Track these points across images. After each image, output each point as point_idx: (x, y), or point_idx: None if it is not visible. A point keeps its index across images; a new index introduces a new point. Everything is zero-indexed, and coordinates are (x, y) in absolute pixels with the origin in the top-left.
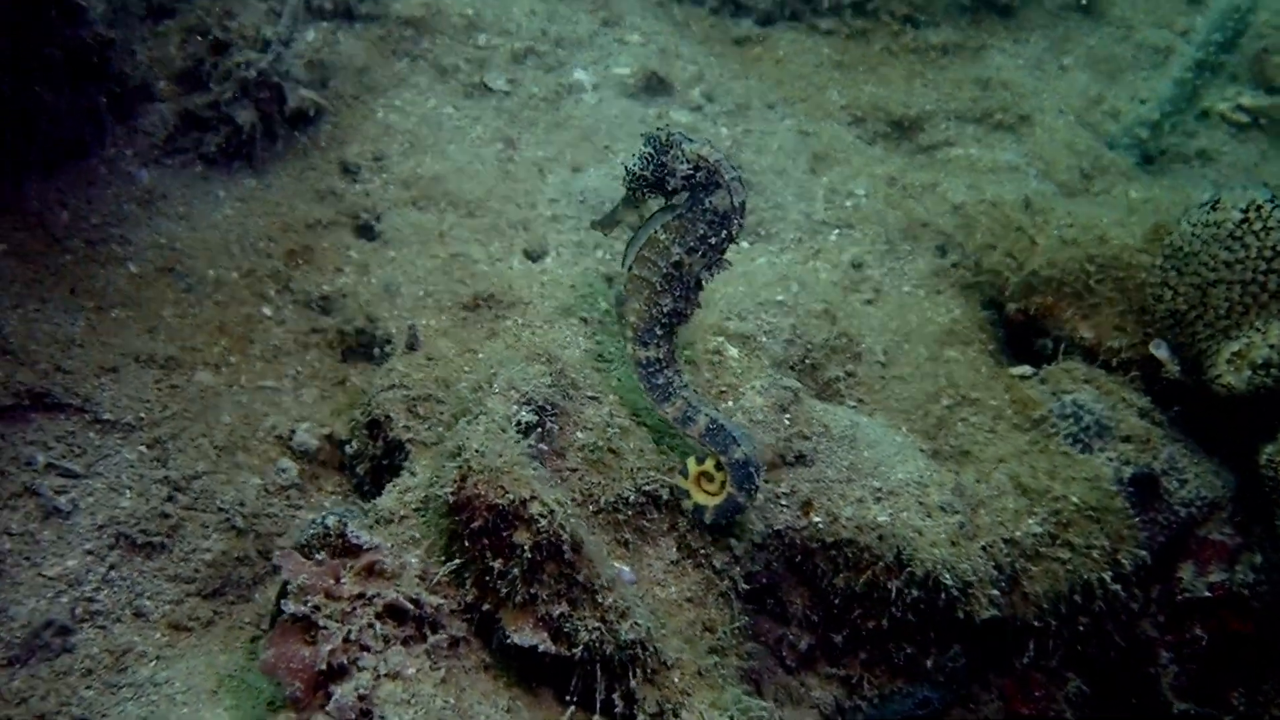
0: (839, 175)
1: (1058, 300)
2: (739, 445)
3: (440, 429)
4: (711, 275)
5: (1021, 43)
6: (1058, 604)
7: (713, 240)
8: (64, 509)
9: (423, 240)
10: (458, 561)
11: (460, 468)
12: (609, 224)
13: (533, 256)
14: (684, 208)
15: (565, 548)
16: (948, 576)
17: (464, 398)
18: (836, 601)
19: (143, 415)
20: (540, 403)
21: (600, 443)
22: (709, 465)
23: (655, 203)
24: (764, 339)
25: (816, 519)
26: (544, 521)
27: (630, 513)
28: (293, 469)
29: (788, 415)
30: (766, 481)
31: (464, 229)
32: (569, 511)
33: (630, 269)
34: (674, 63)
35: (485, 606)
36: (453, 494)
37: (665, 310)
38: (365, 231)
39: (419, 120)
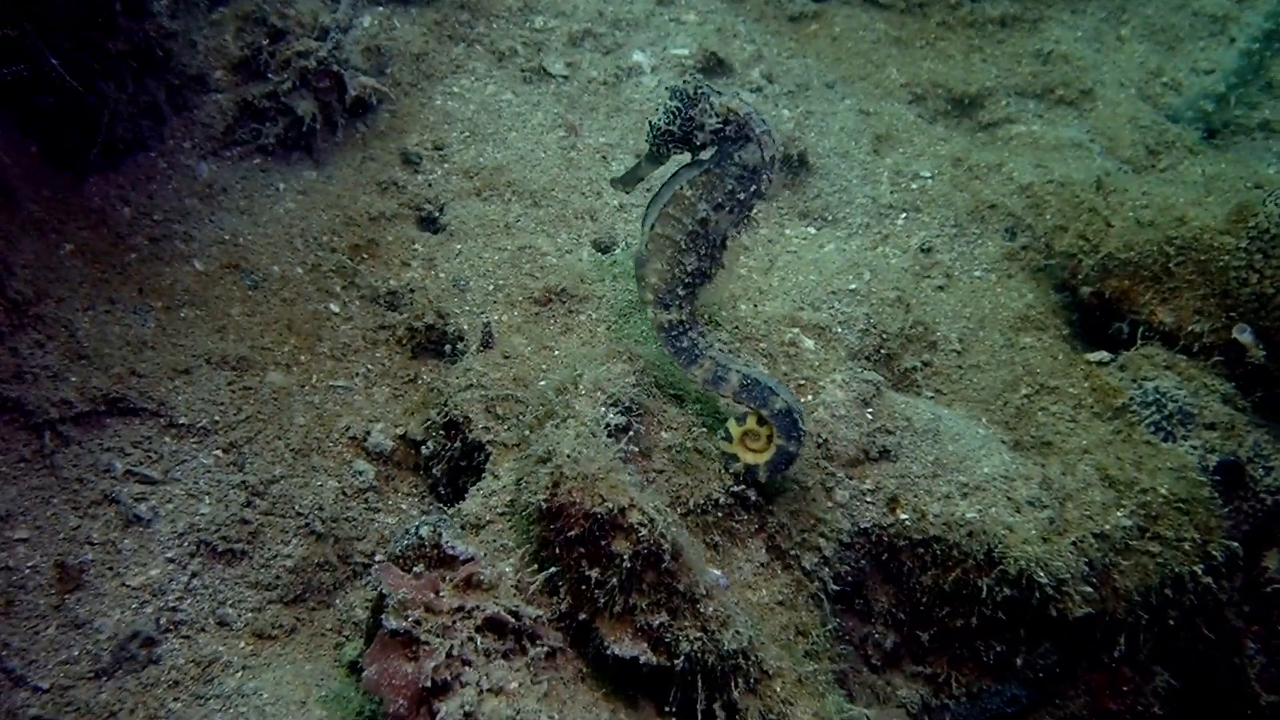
0: (903, 156)
1: (1135, 283)
2: (777, 395)
3: (521, 430)
4: (738, 233)
5: (1079, 13)
6: (1148, 598)
7: (742, 196)
8: (144, 517)
9: (488, 232)
10: (553, 570)
11: (552, 473)
12: (630, 181)
13: (601, 247)
14: (711, 162)
15: (666, 557)
16: (1041, 575)
17: (548, 399)
18: (923, 599)
19: (217, 419)
20: (627, 403)
21: (686, 443)
22: (750, 423)
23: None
24: (839, 329)
25: (903, 516)
26: (644, 531)
27: (719, 514)
28: (369, 471)
29: (870, 409)
30: (851, 479)
31: (530, 220)
32: (669, 520)
33: (652, 227)
34: (732, 42)
35: (581, 615)
36: (546, 501)
37: (689, 270)
38: (429, 223)
39: (478, 107)
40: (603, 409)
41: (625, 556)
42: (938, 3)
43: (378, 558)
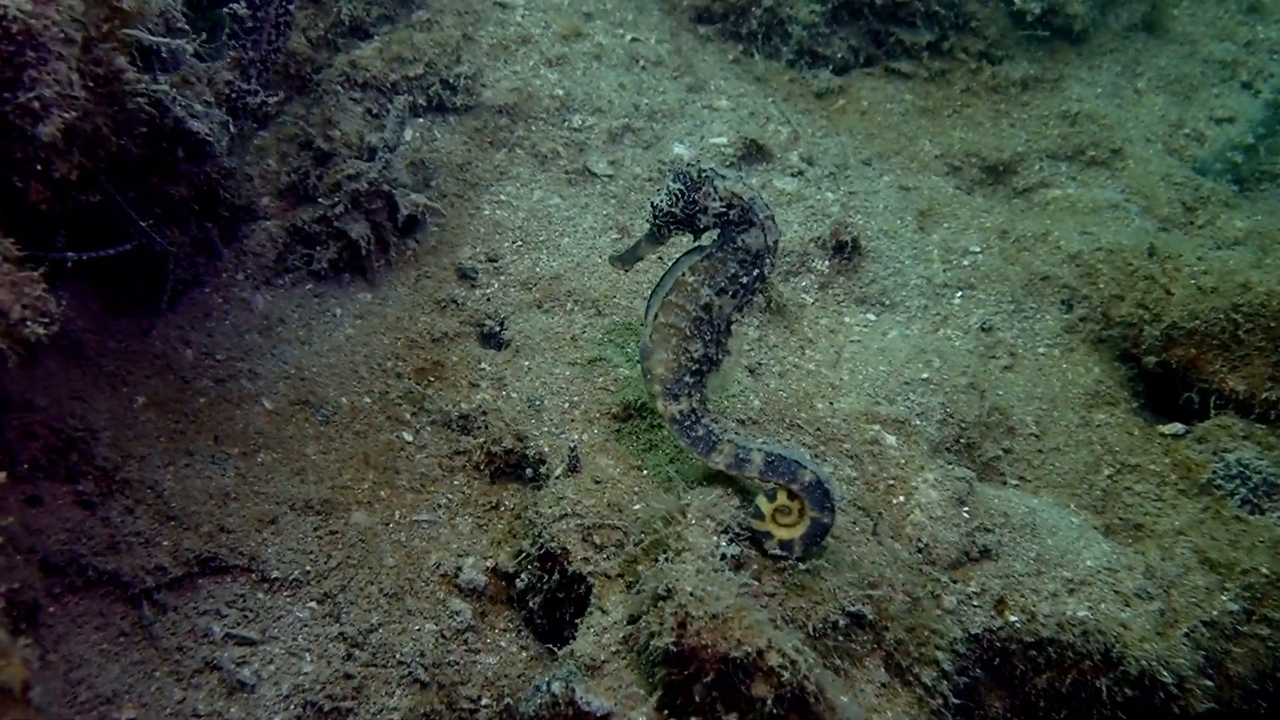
0: (949, 232)
1: (1201, 352)
2: (804, 467)
3: (622, 559)
4: (742, 316)
5: (1095, 69)
6: (1263, 683)
7: (744, 280)
8: (248, 682)
9: (555, 346)
10: None
11: (676, 613)
12: (630, 260)
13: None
14: (713, 247)
15: (810, 699)
16: (1165, 674)
17: (655, 528)
18: (1040, 703)
19: (308, 568)
20: (736, 529)
21: (796, 563)
22: (781, 499)
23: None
24: (917, 421)
25: (1012, 618)
26: (786, 674)
27: (839, 637)
28: (466, 610)
29: (966, 508)
30: (955, 581)
31: (595, 329)
32: (809, 659)
33: (656, 317)
34: (767, 126)
35: None
36: (673, 644)
37: (695, 357)
38: (492, 340)
39: (527, 214)
40: (715, 538)
41: (769, 701)
42: (959, 68)
43: (483, 701)
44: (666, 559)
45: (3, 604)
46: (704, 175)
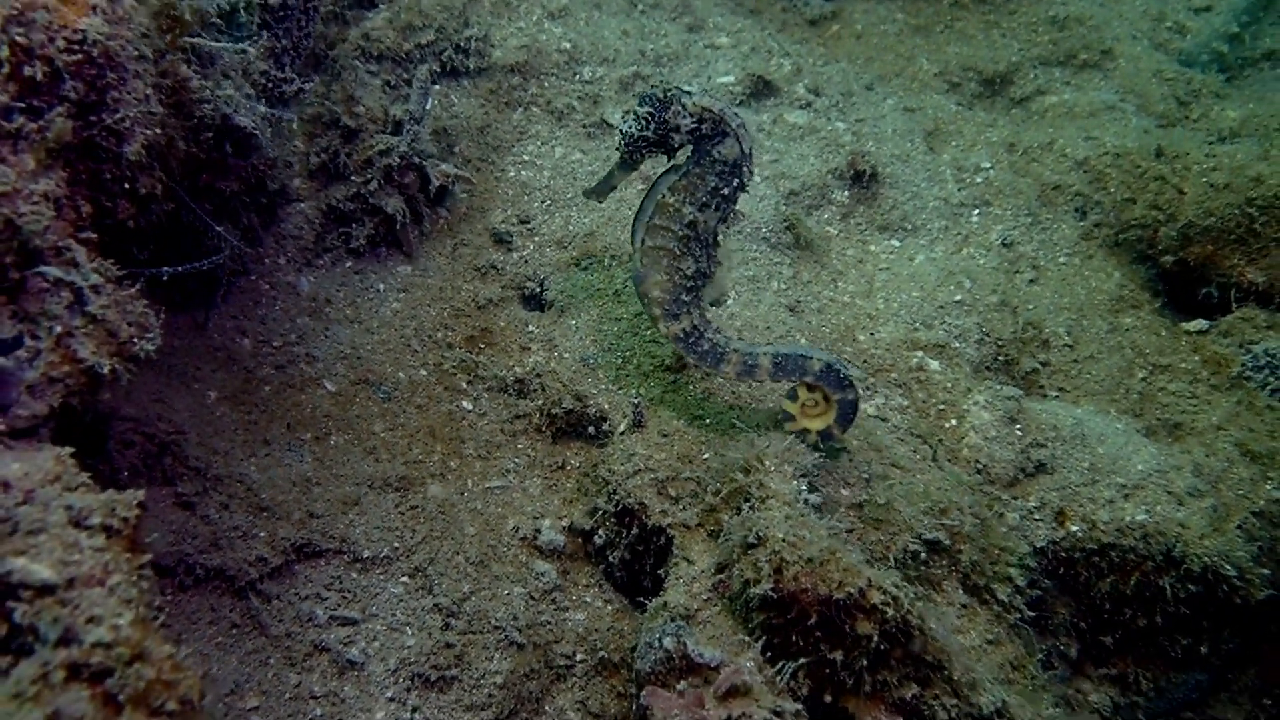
0: (957, 150)
1: (1219, 248)
2: (811, 358)
3: (699, 509)
4: (728, 227)
5: None
6: None
7: (725, 191)
8: (357, 660)
9: (599, 303)
10: (803, 661)
11: (771, 559)
12: (604, 191)
13: (712, 301)
14: (689, 164)
15: (915, 631)
16: (1227, 567)
17: (733, 477)
18: (1105, 605)
19: (396, 545)
20: (814, 473)
21: (867, 498)
22: (803, 395)
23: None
24: (956, 344)
25: (1074, 528)
26: (890, 610)
27: (920, 565)
28: (550, 570)
29: (1018, 425)
30: (1015, 498)
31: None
32: (910, 594)
33: (643, 242)
34: (769, 60)
35: (826, 698)
36: (773, 590)
37: (689, 274)
38: (534, 302)
39: (552, 172)
40: (795, 483)
41: (873, 637)
42: None
43: (578, 657)
44: (751, 507)
45: (161, 618)
46: (670, 94)
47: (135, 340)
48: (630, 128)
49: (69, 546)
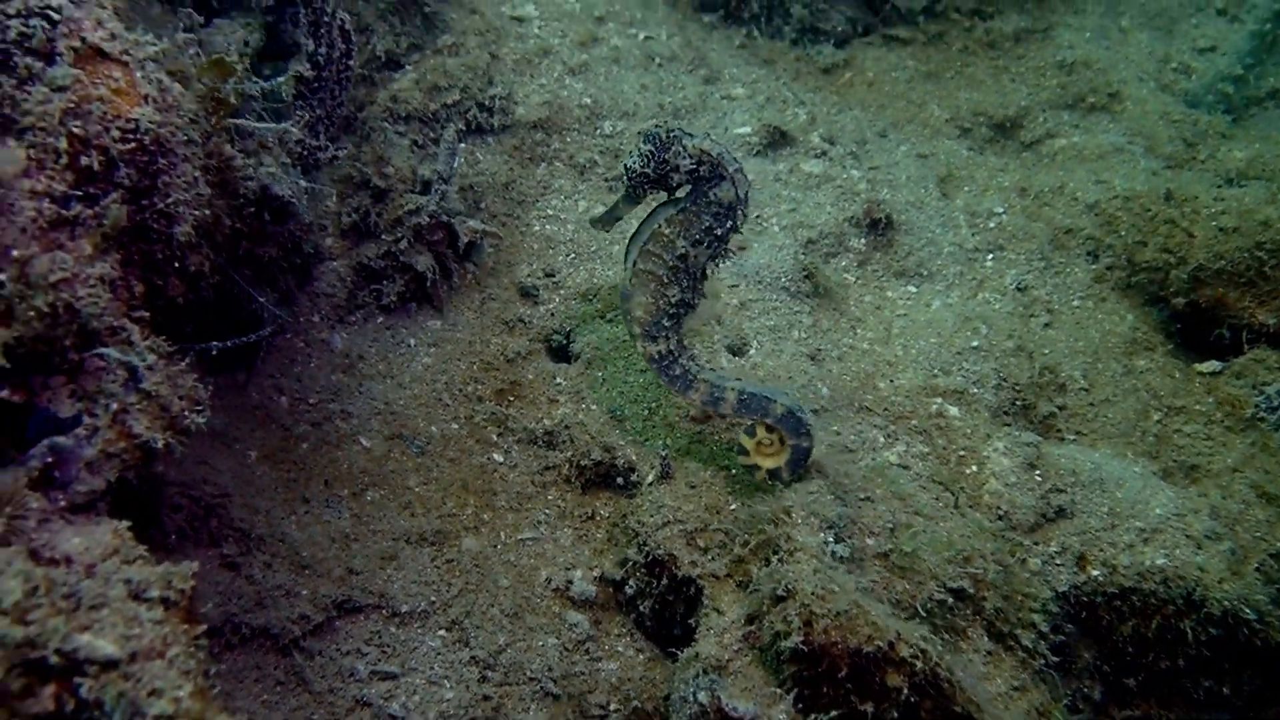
0: (970, 195)
1: (1229, 290)
2: (775, 401)
3: (727, 559)
4: (717, 266)
5: (1080, 13)
6: None
7: (718, 232)
8: (398, 714)
9: (624, 354)
10: (834, 714)
11: (801, 613)
12: (609, 221)
13: (735, 350)
14: (687, 201)
15: (943, 683)
16: (1247, 610)
17: (762, 530)
18: (1127, 649)
19: (433, 599)
20: (840, 524)
21: (893, 546)
22: (760, 433)
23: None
24: (975, 390)
25: (1094, 572)
26: (919, 664)
27: (946, 614)
28: (582, 621)
29: (1038, 471)
30: (1037, 543)
31: None
32: (938, 647)
33: (635, 264)
34: (785, 110)
35: None
36: (803, 643)
37: (673, 301)
38: (561, 354)
39: (575, 226)
40: (822, 534)
41: (904, 690)
42: (954, 29)
43: (612, 706)
44: (779, 559)
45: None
46: (672, 135)
47: (186, 414)
48: (633, 163)
49: (130, 620)
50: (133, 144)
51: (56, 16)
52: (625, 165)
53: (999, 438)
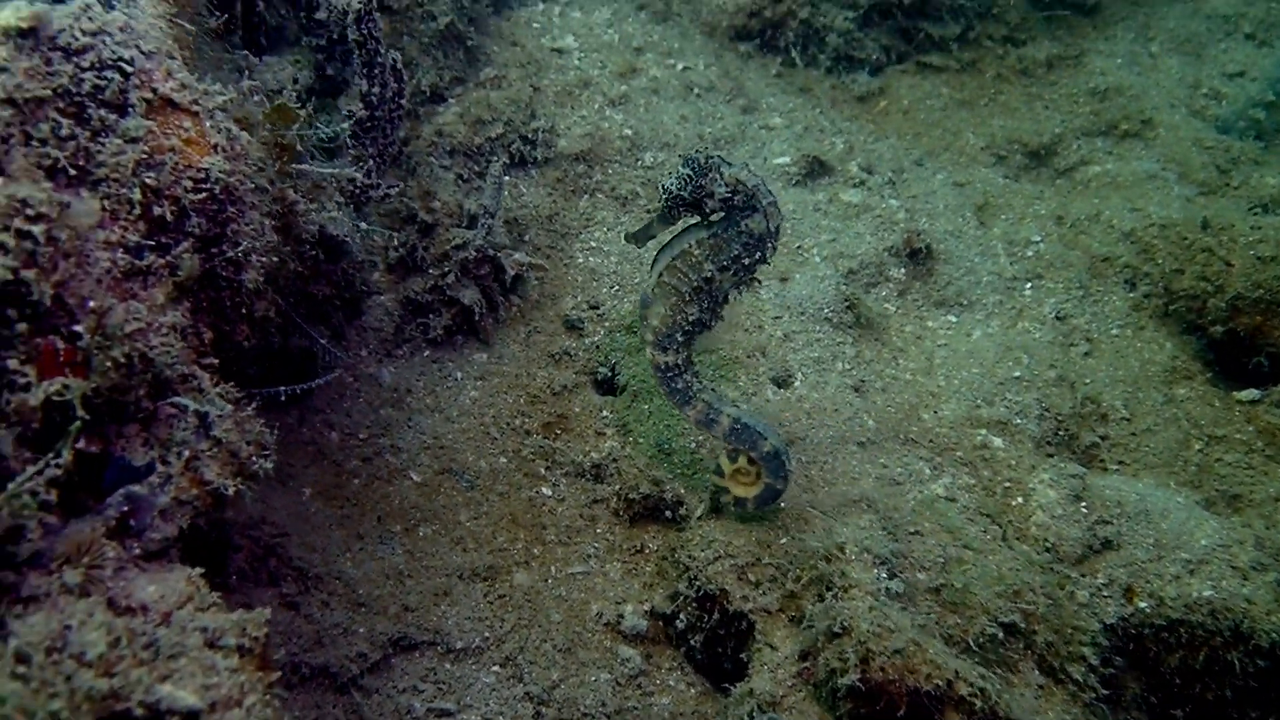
0: (1007, 223)
1: (1267, 319)
2: (766, 439)
3: (779, 594)
4: (740, 293)
5: (1111, 39)
6: None
7: (746, 261)
8: None
9: None
10: None
11: (857, 650)
12: (643, 238)
13: (780, 383)
14: (720, 226)
15: None
16: None
17: (813, 565)
18: (1174, 680)
19: (486, 634)
20: (892, 559)
21: (944, 581)
22: (742, 462)
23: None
24: (1018, 420)
25: (1142, 604)
26: (978, 702)
27: (998, 649)
28: (634, 656)
29: (1084, 503)
30: (1084, 575)
31: (705, 365)
32: (995, 685)
33: (660, 275)
34: (822, 139)
35: None
36: (860, 681)
37: (690, 319)
38: (607, 387)
39: (619, 258)
40: (875, 571)
41: None
42: (987, 56)
43: None
44: (834, 596)
45: None
46: (710, 162)
47: (254, 459)
48: (669, 185)
49: (207, 670)
50: (204, 194)
51: (129, 69)
52: (662, 185)
53: (1044, 469)
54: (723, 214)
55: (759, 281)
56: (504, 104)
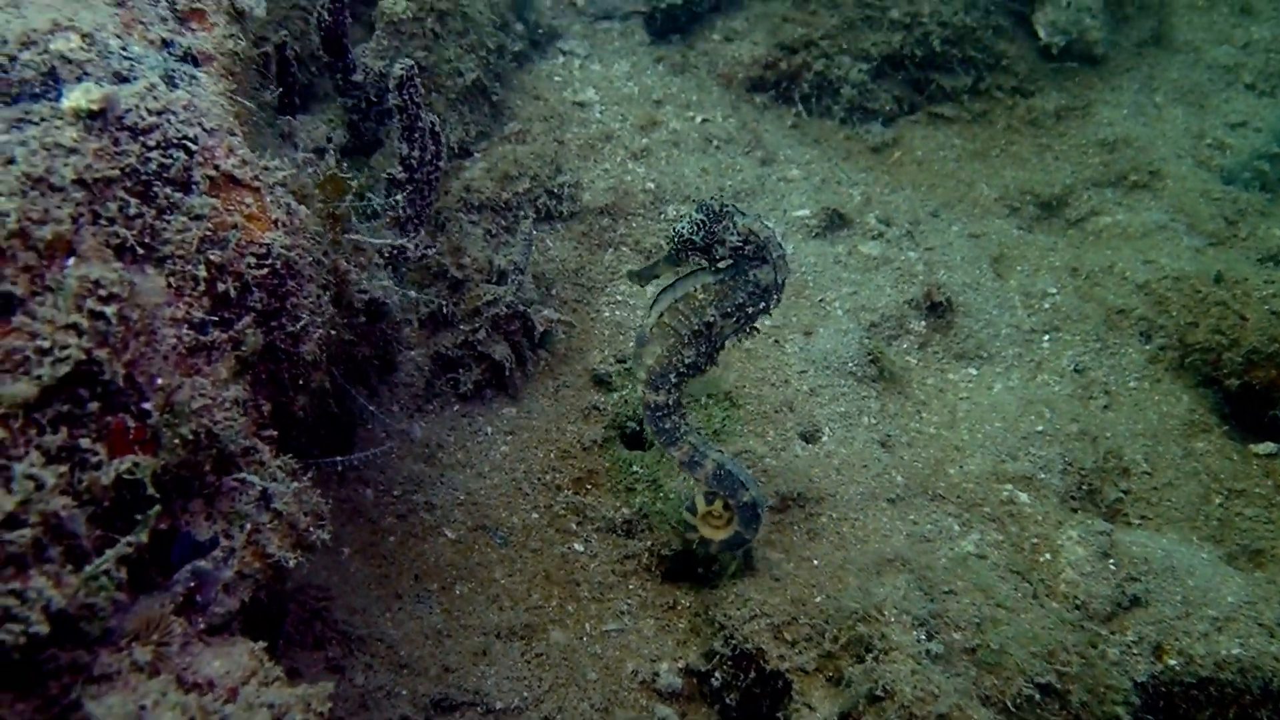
0: (1023, 275)
1: None
2: (747, 489)
3: (814, 654)
4: (738, 340)
5: (1116, 89)
6: None
7: (749, 310)
8: None
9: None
10: None
11: (901, 713)
12: (647, 278)
13: (807, 438)
14: (727, 274)
15: None
16: None
17: (853, 629)
18: None
19: (525, 694)
20: (930, 621)
21: (980, 642)
22: (717, 506)
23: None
24: (1042, 475)
25: (1172, 662)
26: None
27: (1035, 710)
28: (671, 715)
29: (1112, 560)
30: (1113, 633)
31: (734, 421)
32: None
33: (660, 316)
34: (840, 191)
35: None
36: None
37: (686, 362)
38: (635, 441)
39: (644, 312)
40: (914, 633)
41: None
42: (997, 107)
43: None
44: (874, 658)
45: None
46: (725, 210)
47: (312, 530)
48: (682, 228)
49: None
50: (265, 269)
51: (193, 146)
52: (675, 229)
53: (1071, 525)
54: (731, 262)
55: (756, 331)
56: (530, 159)
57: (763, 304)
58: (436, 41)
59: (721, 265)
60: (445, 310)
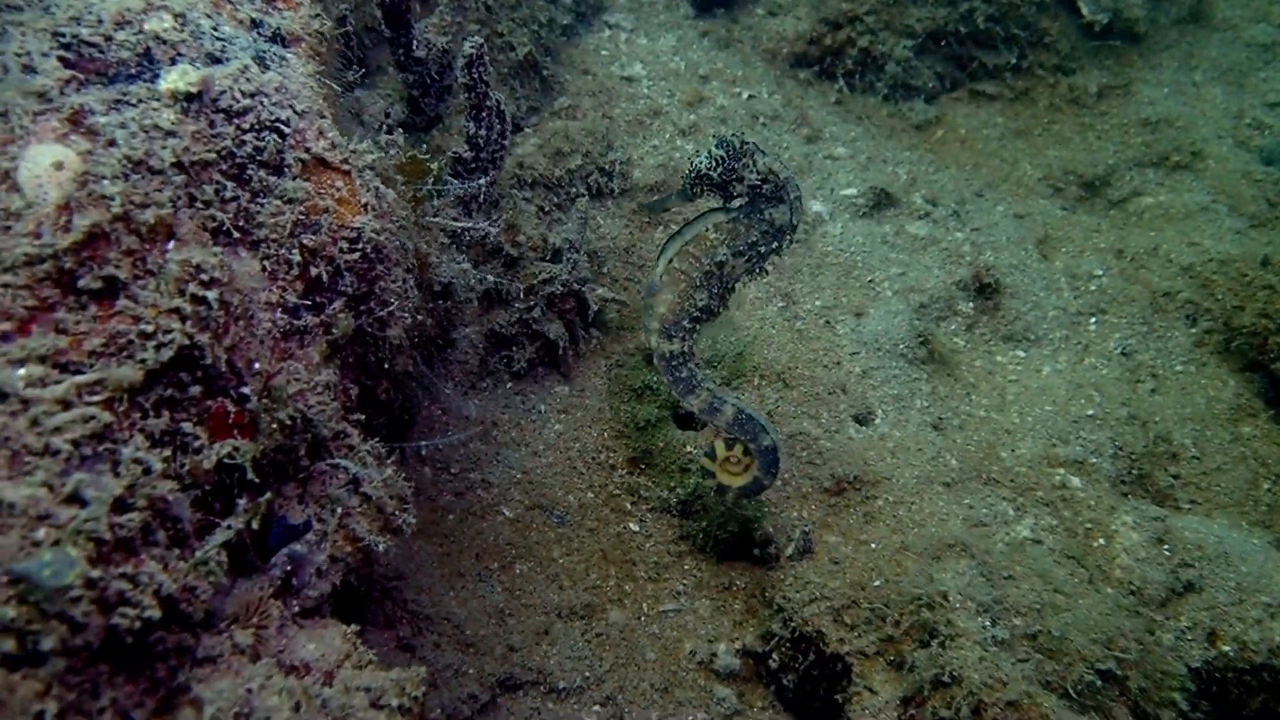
0: (1069, 256)
1: None
2: (767, 433)
3: (875, 638)
4: (749, 280)
5: (1156, 68)
6: None
7: (762, 250)
8: None
9: None
10: None
11: (969, 700)
12: (658, 210)
13: (861, 420)
14: (740, 212)
15: None
16: None
17: (915, 612)
18: None
19: (587, 674)
20: (993, 607)
21: (1040, 628)
22: (736, 451)
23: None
24: (1094, 460)
25: (1225, 648)
26: None
27: (1095, 696)
28: (730, 696)
29: (1166, 546)
30: (1168, 619)
31: (787, 403)
32: None
33: (670, 262)
34: (886, 170)
35: None
36: None
37: (698, 305)
38: (688, 422)
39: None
40: (979, 619)
41: None
42: (1039, 85)
43: None
44: (940, 644)
45: None
46: (746, 148)
47: (398, 514)
48: (700, 163)
49: None
50: (356, 254)
51: (286, 129)
52: (692, 163)
53: (1125, 511)
54: (745, 200)
55: (766, 272)
56: (581, 135)
57: (775, 244)
58: (489, 15)
59: (735, 204)
60: (499, 288)
